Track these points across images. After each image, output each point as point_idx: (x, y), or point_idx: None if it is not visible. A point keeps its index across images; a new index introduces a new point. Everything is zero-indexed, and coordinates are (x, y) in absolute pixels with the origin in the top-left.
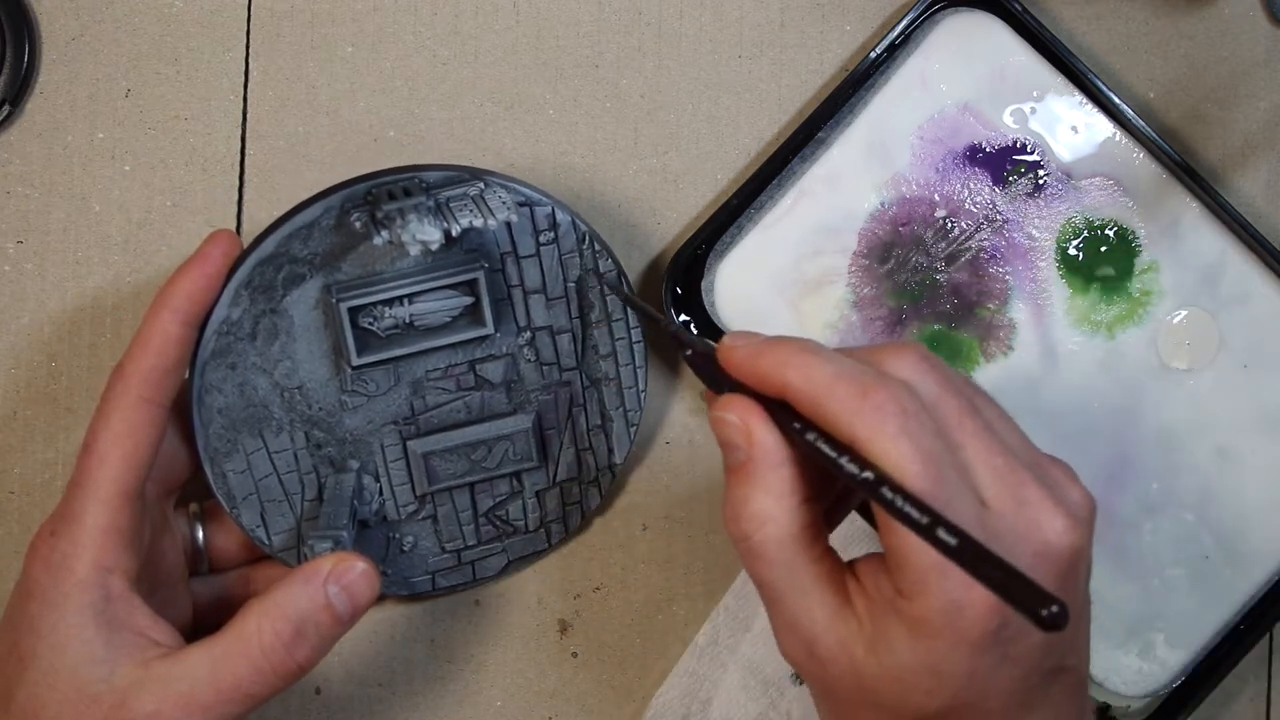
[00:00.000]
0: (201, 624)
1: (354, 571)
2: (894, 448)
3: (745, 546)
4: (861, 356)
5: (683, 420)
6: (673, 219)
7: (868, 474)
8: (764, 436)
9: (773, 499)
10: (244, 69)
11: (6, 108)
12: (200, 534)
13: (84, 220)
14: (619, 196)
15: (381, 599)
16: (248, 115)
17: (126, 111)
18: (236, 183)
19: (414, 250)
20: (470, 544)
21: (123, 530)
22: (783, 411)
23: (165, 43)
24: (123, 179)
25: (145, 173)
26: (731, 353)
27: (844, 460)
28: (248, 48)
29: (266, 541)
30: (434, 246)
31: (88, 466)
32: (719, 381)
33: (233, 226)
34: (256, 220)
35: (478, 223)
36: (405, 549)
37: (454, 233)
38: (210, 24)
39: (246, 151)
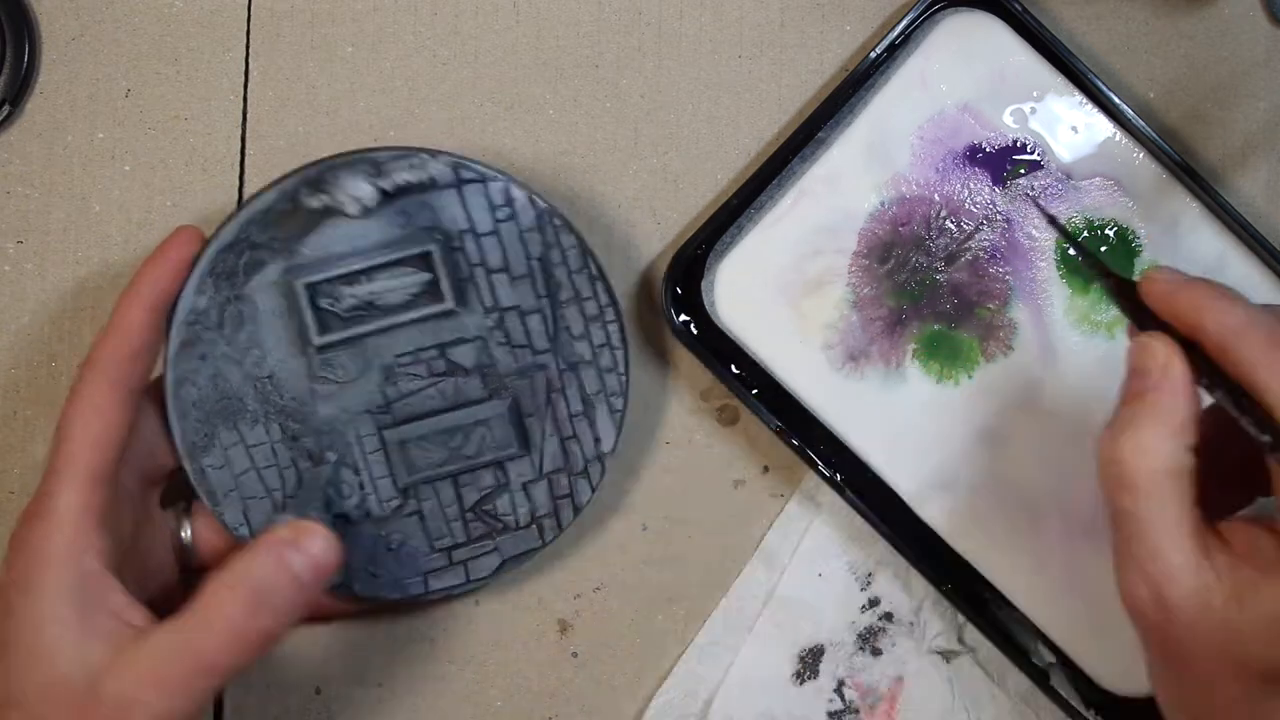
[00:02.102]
0: None
1: (311, 534)
2: None
3: (1117, 470)
4: None
5: (683, 420)
6: (673, 219)
7: (1266, 436)
8: (1180, 371)
9: (1166, 433)
10: (244, 69)
11: (6, 108)
12: (187, 529)
13: (84, 220)
14: (619, 196)
15: (377, 604)
16: (248, 115)
17: (126, 111)
18: (236, 183)
19: (351, 209)
20: (460, 541)
21: (95, 510)
22: (1201, 362)
23: (165, 43)
24: (123, 179)
25: (145, 173)
26: (1153, 284)
27: (1245, 419)
28: (248, 48)
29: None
30: (369, 202)
31: (58, 452)
32: (1140, 316)
33: None
34: None
35: (412, 177)
36: (392, 547)
37: (387, 188)
38: (210, 24)
39: (246, 151)
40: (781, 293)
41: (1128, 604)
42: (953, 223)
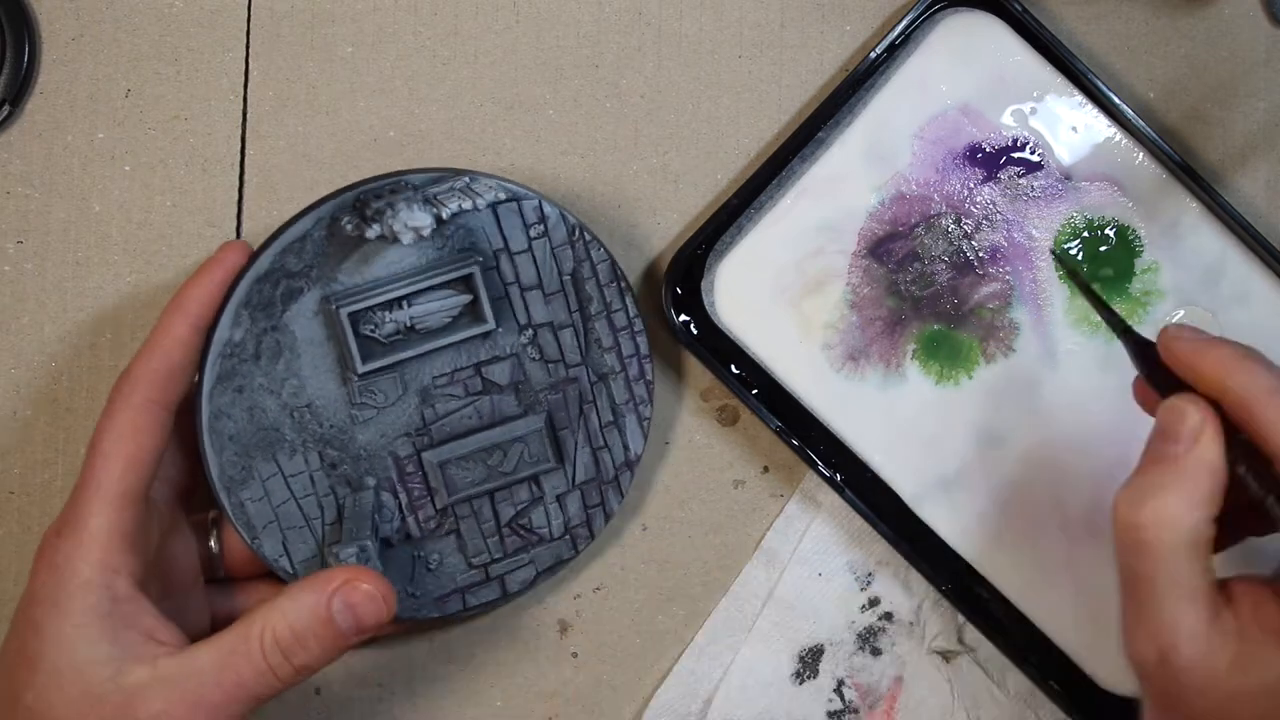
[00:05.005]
0: None
1: (359, 591)
2: None
3: (1136, 536)
4: None
5: (683, 420)
6: (673, 219)
7: None
8: (1211, 444)
9: (1189, 505)
10: (244, 69)
11: (6, 108)
12: (214, 540)
13: (84, 220)
14: (619, 196)
15: (414, 625)
16: (248, 115)
17: (126, 111)
18: (236, 183)
19: (406, 239)
20: (497, 557)
21: (127, 532)
22: (1230, 435)
23: (165, 43)
24: (123, 179)
25: (145, 173)
26: (1175, 343)
27: (1271, 500)
28: (248, 48)
29: (291, 571)
30: (425, 232)
31: (92, 468)
32: (1156, 375)
33: (233, 226)
34: (257, 219)
35: (466, 205)
36: (431, 567)
37: (444, 215)
38: (210, 24)
39: (246, 151)
40: (781, 293)
41: (1133, 661)
42: (953, 223)
